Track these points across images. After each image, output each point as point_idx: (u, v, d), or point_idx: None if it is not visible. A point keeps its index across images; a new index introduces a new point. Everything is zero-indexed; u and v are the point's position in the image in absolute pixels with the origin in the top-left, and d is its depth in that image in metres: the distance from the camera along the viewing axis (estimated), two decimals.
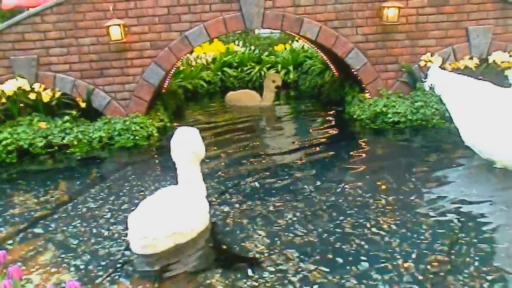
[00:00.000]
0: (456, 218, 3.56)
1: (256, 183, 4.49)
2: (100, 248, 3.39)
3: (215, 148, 5.77)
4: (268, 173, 4.76)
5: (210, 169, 4.96)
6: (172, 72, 8.40)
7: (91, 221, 3.87)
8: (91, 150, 5.91)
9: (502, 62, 6.10)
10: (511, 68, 5.97)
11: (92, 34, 6.27)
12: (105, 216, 3.94)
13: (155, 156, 5.73)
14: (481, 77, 5.35)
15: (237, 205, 4.00)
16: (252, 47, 11.33)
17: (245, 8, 6.31)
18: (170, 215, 3.28)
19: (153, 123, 6.45)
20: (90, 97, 6.36)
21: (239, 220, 3.71)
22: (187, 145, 3.52)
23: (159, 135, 6.32)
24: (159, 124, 6.59)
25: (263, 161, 5.20)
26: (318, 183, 4.41)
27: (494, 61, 6.19)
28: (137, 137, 6.06)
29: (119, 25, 6.07)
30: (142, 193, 4.37)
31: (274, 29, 7.12)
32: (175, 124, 7.02)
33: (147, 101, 6.50)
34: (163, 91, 8.18)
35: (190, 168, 3.59)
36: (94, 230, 3.69)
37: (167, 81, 8.31)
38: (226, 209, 3.94)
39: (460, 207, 3.73)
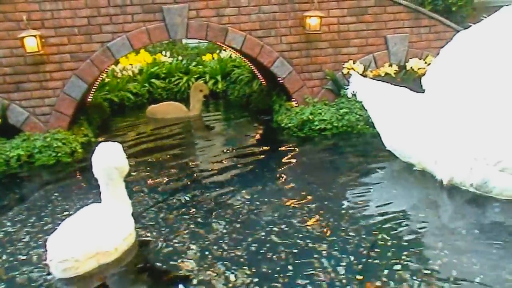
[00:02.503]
0: (379, 220, 3.69)
1: (185, 197, 4.42)
2: (18, 274, 3.19)
3: (142, 162, 5.63)
4: (196, 186, 4.71)
5: (136, 184, 4.83)
6: (96, 85, 8.13)
7: (8, 245, 3.63)
8: (8, 169, 5.58)
9: (418, 68, 6.44)
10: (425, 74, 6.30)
11: (5, 45, 5.93)
12: (23, 240, 3.72)
13: (80, 173, 5.50)
14: (400, 83, 5.61)
15: (164, 220, 3.92)
16: (180, 57, 11.22)
17: (169, 18, 6.24)
18: (92, 234, 3.15)
19: (77, 138, 6.19)
20: (5, 113, 6.01)
21: (167, 236, 3.63)
22: (109, 161, 3.40)
23: (83, 151, 6.06)
24: (83, 139, 6.33)
25: (191, 174, 5.14)
26: (247, 193, 4.41)
27: (411, 67, 6.52)
28: (59, 154, 5.79)
29: (34, 36, 5.79)
30: (66, 213, 4.17)
31: (199, 39, 7.10)
32: (101, 139, 6.79)
33: (69, 116, 6.23)
34: (87, 104, 7.89)
35: (114, 184, 3.47)
36: (11, 256, 3.47)
37: (91, 94, 8.04)
38: (154, 225, 3.84)
39: (383, 210, 3.88)
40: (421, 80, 4.54)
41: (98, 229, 3.22)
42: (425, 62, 6.47)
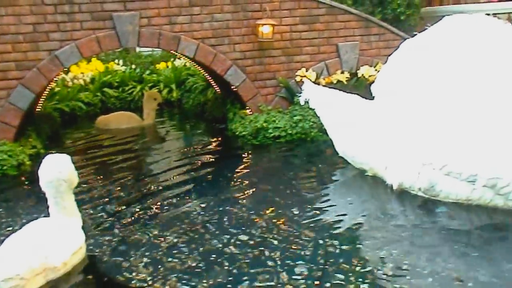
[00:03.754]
0: (334, 227, 3.76)
1: (138, 208, 4.35)
2: None
3: (93, 173, 5.51)
4: (150, 196, 4.65)
5: (87, 196, 4.71)
6: (45, 94, 7.89)
7: None
8: None
9: (369, 75, 6.61)
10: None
11: None
12: None
13: (27, 186, 5.31)
14: (352, 90, 5.75)
15: (117, 233, 3.85)
16: (133, 66, 11.06)
17: (120, 26, 6.15)
18: (38, 250, 3.04)
19: (24, 150, 5.97)
20: None
21: (119, 249, 3.56)
22: (57, 173, 3.31)
23: (31, 163, 5.85)
24: (31, 151, 6.11)
25: (145, 184, 5.07)
26: (202, 203, 4.39)
27: (362, 75, 6.68)
28: (5, 167, 5.56)
29: None
30: (10, 229, 4.01)
31: (151, 48, 7.03)
32: (50, 150, 6.58)
33: (15, 127, 6.01)
34: (36, 115, 7.64)
35: (62, 197, 3.38)
36: None
37: (39, 104, 7.79)
38: (106, 238, 3.76)
39: (337, 216, 3.96)
40: (371, 87, 4.66)
41: (45, 244, 3.12)
42: (376, 70, 6.65)
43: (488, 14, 4.83)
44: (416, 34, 4.40)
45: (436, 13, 9.27)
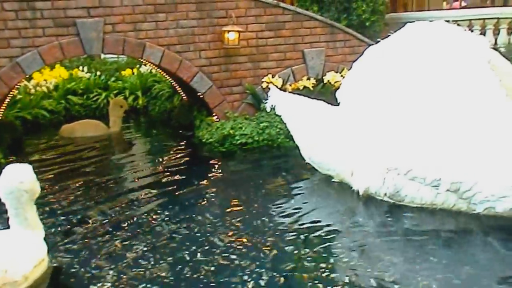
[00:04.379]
0: (300, 234, 3.78)
1: (103, 217, 4.27)
2: None
3: (57, 183, 5.37)
4: (116, 206, 4.56)
5: (51, 206, 4.59)
6: (6, 102, 7.67)
7: None
8: None
9: (335, 81, 6.68)
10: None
11: None
12: None
13: None
14: (318, 96, 5.80)
15: (82, 243, 3.77)
16: (98, 73, 10.88)
17: (83, 33, 6.05)
18: None
19: None
20: None
21: (84, 260, 3.49)
22: (18, 183, 3.21)
23: None
24: None
25: (111, 194, 4.97)
26: (168, 212, 4.34)
27: (328, 81, 6.76)
28: None
29: None
30: None
31: (116, 54, 6.93)
32: (12, 160, 6.40)
33: None
34: None
35: (24, 208, 3.28)
36: None
37: (0, 112, 7.57)
38: (70, 248, 3.67)
39: (304, 222, 3.98)
40: (336, 93, 4.71)
41: (4, 256, 3.02)
42: (341, 75, 6.74)
43: (448, 21, 4.97)
44: (380, 40, 4.49)
45: (400, 19, 9.46)
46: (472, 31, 8.79)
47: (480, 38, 4.09)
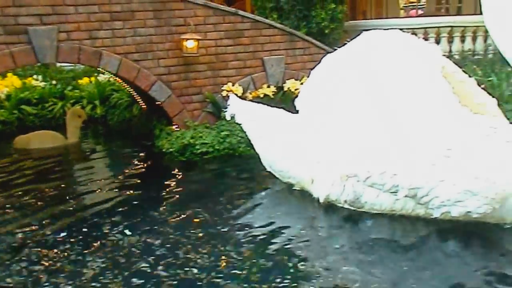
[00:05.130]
0: (263, 243, 3.74)
1: (59, 233, 4.10)
2: None
3: (10, 197, 5.16)
4: (73, 220, 4.41)
5: (3, 221, 4.41)
6: None
7: None
8: None
9: (295, 89, 6.70)
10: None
11: None
12: None
13: None
14: (279, 104, 5.81)
15: (35, 260, 3.61)
16: (54, 81, 10.59)
17: (36, 41, 5.85)
18: None
19: None
20: None
21: (38, 278, 3.33)
22: None
23: None
24: None
25: (67, 207, 4.80)
26: (127, 224, 4.22)
27: (288, 88, 6.78)
28: None
29: None
30: None
31: (71, 63, 6.76)
32: None
33: None
34: None
35: None
36: None
37: None
38: (22, 267, 3.51)
39: (266, 232, 3.94)
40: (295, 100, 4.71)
41: None
42: (301, 83, 6.76)
43: (403, 29, 5.06)
44: (337, 48, 4.52)
45: (359, 27, 9.62)
46: (427, 39, 9.04)
47: (432, 46, 4.18)
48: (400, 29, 8.68)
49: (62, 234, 4.08)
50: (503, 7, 3.61)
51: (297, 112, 4.69)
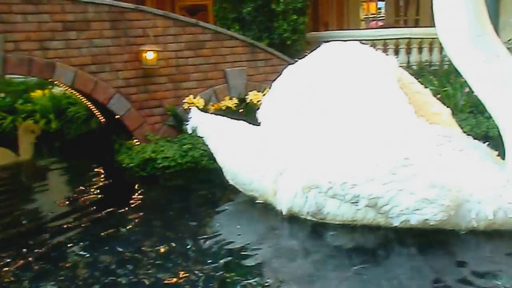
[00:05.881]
0: (226, 257, 3.81)
1: (12, 255, 4.03)
2: None
3: None
4: (26, 241, 4.34)
5: None
6: None
7: None
8: None
9: (258, 101, 6.82)
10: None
11: None
12: None
13: None
14: (242, 116, 5.92)
15: None
16: (2, 94, 10.35)
17: None
18: None
19: None
20: None
21: None
22: None
23: None
24: None
25: (20, 228, 4.74)
26: (86, 244, 4.19)
27: (251, 100, 6.91)
28: None
29: None
30: None
31: (21, 75, 6.67)
32: None
33: None
34: None
35: None
36: None
37: None
38: None
39: (229, 246, 4.01)
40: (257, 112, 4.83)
41: None
42: (264, 95, 6.90)
43: (362, 40, 5.27)
44: (297, 60, 4.68)
45: (321, 38, 9.87)
46: (387, 50, 9.39)
47: (389, 57, 4.39)
48: (361, 40, 9.01)
49: (15, 257, 3.98)
50: (454, 27, 3.85)
51: (259, 124, 4.81)
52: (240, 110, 6.84)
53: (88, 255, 3.98)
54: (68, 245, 4.21)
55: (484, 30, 3.82)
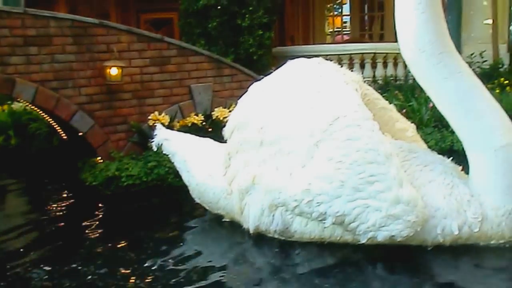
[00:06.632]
0: (192, 278, 3.76)
1: None
2: None
3: None
4: None
5: None
6: None
7: None
8: None
9: (224, 117, 6.80)
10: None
11: None
12: None
13: None
14: (209, 133, 5.90)
15: None
16: None
17: None
18: None
19: None
20: None
21: None
22: None
23: None
24: None
25: None
26: (47, 265, 4.06)
27: (217, 116, 6.89)
28: None
29: None
30: None
31: None
32: None
33: None
34: None
35: None
36: None
37: None
38: None
39: (195, 265, 3.98)
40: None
41: None
42: (230, 111, 6.89)
43: (328, 55, 5.34)
44: (263, 77, 4.68)
45: (287, 53, 10.01)
46: (353, 64, 9.56)
47: (353, 74, 4.44)
48: (327, 55, 9.17)
49: None
50: (415, 45, 3.93)
51: (225, 141, 4.78)
52: (207, 127, 6.81)
53: (50, 277, 3.86)
54: (26, 268, 4.06)
55: (445, 47, 3.91)
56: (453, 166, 4.22)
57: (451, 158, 4.38)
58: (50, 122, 8.36)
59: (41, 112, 8.31)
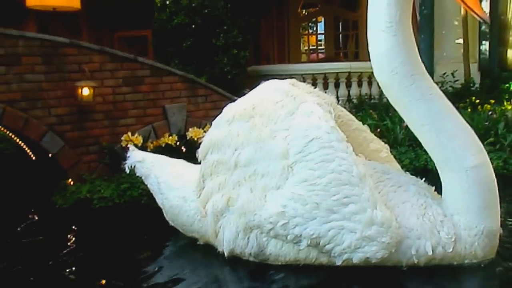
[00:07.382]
0: None
1: None
2: None
3: None
4: None
5: None
6: None
7: None
8: None
9: (198, 138, 6.79)
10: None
11: None
12: None
13: None
14: (184, 154, 5.87)
15: None
16: None
17: None
18: None
19: None
20: None
21: None
22: None
23: None
24: None
25: None
26: None
27: (191, 137, 6.89)
28: None
29: None
30: None
31: None
32: None
33: None
34: None
35: None
36: None
37: None
38: None
39: None
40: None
41: None
42: (204, 131, 6.90)
43: (303, 74, 5.40)
44: (237, 97, 4.70)
45: (262, 72, 10.11)
46: (327, 83, 9.69)
47: (327, 95, 4.50)
48: (302, 74, 9.27)
49: None
50: (387, 66, 4.01)
51: (199, 162, 4.77)
52: (181, 147, 6.80)
53: None
54: None
55: (417, 69, 4.00)
56: (426, 187, 4.29)
57: (425, 177, 4.46)
58: (18, 142, 8.25)
59: (8, 132, 8.20)
